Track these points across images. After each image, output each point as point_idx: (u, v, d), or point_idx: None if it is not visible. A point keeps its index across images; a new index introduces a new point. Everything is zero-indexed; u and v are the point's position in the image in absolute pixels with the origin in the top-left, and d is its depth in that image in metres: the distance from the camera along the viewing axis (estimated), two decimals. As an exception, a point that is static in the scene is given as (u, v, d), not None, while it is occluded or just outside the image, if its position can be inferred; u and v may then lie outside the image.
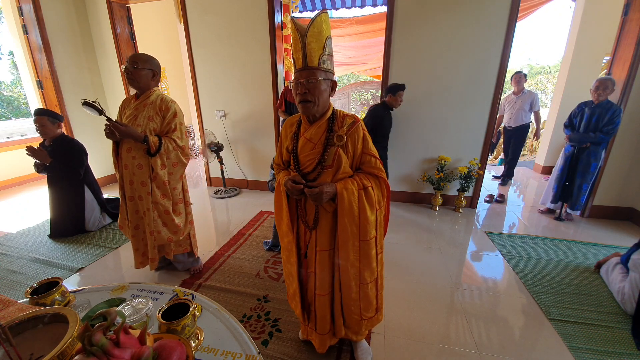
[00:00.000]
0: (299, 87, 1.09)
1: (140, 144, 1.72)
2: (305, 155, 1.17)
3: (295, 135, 1.22)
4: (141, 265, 1.97)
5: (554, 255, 2.37)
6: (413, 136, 3.20)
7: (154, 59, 1.76)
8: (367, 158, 1.18)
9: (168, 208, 1.86)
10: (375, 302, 1.31)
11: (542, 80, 16.38)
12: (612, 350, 1.50)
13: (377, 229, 1.21)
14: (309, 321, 1.36)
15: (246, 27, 3.30)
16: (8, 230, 2.85)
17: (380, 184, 1.20)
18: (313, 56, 1.05)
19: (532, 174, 4.77)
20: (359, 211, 1.14)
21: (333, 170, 1.14)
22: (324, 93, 1.10)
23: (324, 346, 1.35)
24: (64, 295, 0.92)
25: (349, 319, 1.30)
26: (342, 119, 1.17)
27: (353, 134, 1.15)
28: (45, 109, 2.56)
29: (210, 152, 3.61)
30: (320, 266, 1.23)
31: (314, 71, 1.06)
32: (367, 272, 1.22)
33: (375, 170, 1.19)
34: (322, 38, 1.04)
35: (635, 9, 2.66)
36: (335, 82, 1.14)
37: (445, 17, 2.79)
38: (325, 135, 1.15)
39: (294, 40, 1.09)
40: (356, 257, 1.19)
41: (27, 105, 4.77)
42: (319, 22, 1.03)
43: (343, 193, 1.11)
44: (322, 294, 1.26)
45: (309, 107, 1.10)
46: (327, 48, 1.07)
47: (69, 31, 3.65)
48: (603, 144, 2.73)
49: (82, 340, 0.55)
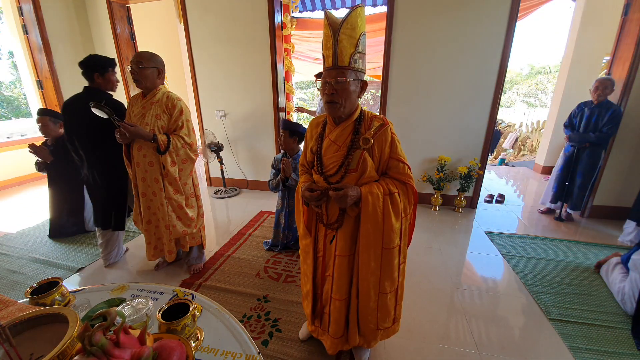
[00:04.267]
0: (326, 87, 1.04)
1: (150, 142, 1.76)
2: (329, 157, 1.13)
3: (320, 137, 1.18)
4: (153, 258, 2.04)
5: (554, 255, 2.37)
6: (413, 136, 3.20)
7: (157, 57, 1.78)
8: (394, 163, 1.12)
9: (181, 203, 1.92)
10: (394, 313, 1.26)
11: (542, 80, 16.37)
12: (612, 350, 1.50)
13: (401, 238, 1.16)
14: (320, 323, 1.33)
15: (246, 27, 3.29)
16: (8, 230, 2.85)
17: (407, 190, 1.14)
18: (344, 54, 0.99)
19: (532, 174, 4.77)
20: (384, 217, 1.09)
21: (358, 174, 1.10)
22: (353, 94, 1.06)
23: (334, 348, 1.30)
24: (64, 295, 0.92)
25: (365, 328, 1.25)
26: (370, 120, 1.12)
27: (380, 137, 1.09)
28: (48, 109, 2.59)
29: (210, 152, 3.61)
30: (338, 271, 1.19)
31: (343, 71, 1.01)
32: (387, 281, 1.17)
33: (403, 176, 1.12)
34: (355, 34, 0.99)
35: (635, 9, 2.66)
36: (366, 83, 1.09)
37: (445, 17, 2.79)
38: (351, 137, 1.10)
39: (325, 36, 1.04)
40: (377, 265, 1.14)
41: (27, 105, 4.77)
42: (354, 17, 0.97)
43: (368, 197, 1.06)
44: (338, 299, 1.22)
45: (336, 109, 1.06)
46: (360, 46, 1.01)
47: (69, 31, 3.65)
48: (603, 144, 2.73)
49: (82, 340, 0.55)
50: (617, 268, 1.96)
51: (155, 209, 1.92)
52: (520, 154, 6.69)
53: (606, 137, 2.66)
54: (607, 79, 2.64)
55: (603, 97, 2.65)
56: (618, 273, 1.92)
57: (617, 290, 1.85)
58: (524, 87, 17.04)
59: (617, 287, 1.85)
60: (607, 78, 2.65)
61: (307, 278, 1.31)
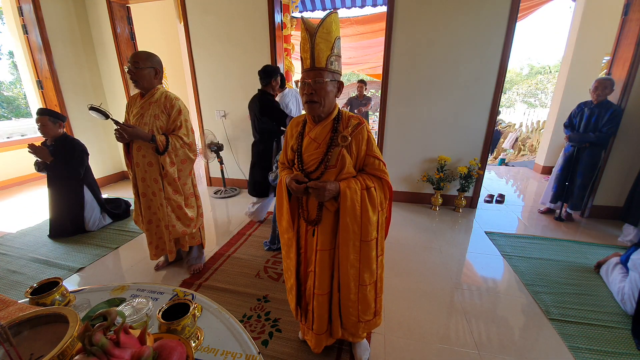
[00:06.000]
0: (305, 88, 1.09)
1: (149, 143, 1.76)
2: (309, 155, 1.17)
3: (300, 135, 1.23)
4: (155, 257, 2.06)
5: (554, 255, 2.37)
6: (413, 136, 3.20)
7: (154, 56, 1.77)
8: (370, 160, 1.19)
9: (180, 203, 1.93)
10: (374, 306, 1.30)
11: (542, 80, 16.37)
12: (612, 350, 1.50)
13: (378, 231, 1.21)
14: (305, 320, 1.37)
15: (246, 27, 3.30)
16: (8, 230, 2.85)
17: (383, 185, 1.20)
18: (321, 57, 1.05)
19: (532, 174, 4.77)
20: (361, 211, 1.14)
21: (336, 171, 1.14)
22: (330, 94, 1.11)
23: (319, 346, 1.36)
24: (64, 295, 0.92)
25: (347, 321, 1.30)
26: (347, 120, 1.18)
27: (357, 135, 1.15)
28: (48, 109, 2.58)
29: (210, 152, 3.61)
30: (320, 266, 1.23)
31: (321, 72, 1.06)
32: (366, 273, 1.22)
33: (378, 172, 1.19)
34: (331, 38, 1.05)
35: (635, 9, 2.66)
36: (342, 83, 1.16)
37: (445, 17, 2.79)
38: (330, 135, 1.15)
39: (302, 39, 1.09)
40: (356, 257, 1.19)
41: (27, 105, 4.77)
42: (328, 22, 1.03)
43: (346, 192, 1.11)
44: (320, 294, 1.26)
45: (315, 108, 1.11)
46: (336, 49, 1.07)
47: (69, 31, 3.65)
48: (603, 144, 2.73)
49: (83, 340, 0.55)
50: (617, 268, 1.96)
51: (155, 209, 1.92)
52: (520, 154, 6.69)
53: (606, 137, 2.66)
54: (606, 79, 2.64)
55: (602, 97, 2.65)
56: (618, 273, 1.92)
57: (617, 290, 1.85)
58: (524, 87, 17.04)
59: (617, 287, 1.85)
60: (606, 78, 2.65)
61: (290, 273, 1.35)
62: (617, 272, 1.93)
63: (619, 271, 1.93)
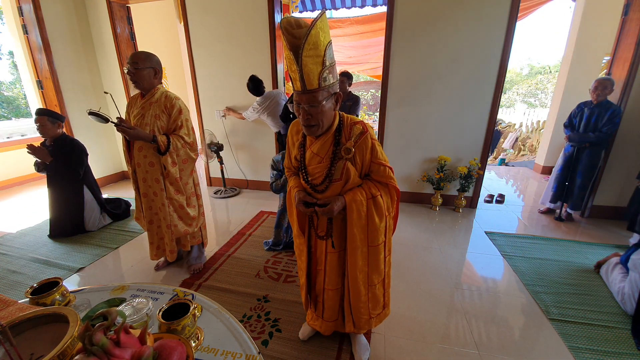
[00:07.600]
0: (300, 112, 1.03)
1: (151, 144, 1.76)
2: (314, 168, 1.15)
3: (302, 145, 1.19)
4: (156, 257, 2.06)
5: (554, 255, 2.37)
6: (413, 136, 3.20)
7: (153, 56, 1.77)
8: (375, 167, 1.15)
9: (182, 203, 1.93)
10: (383, 300, 1.35)
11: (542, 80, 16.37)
12: (612, 350, 1.50)
13: (385, 235, 1.22)
14: (315, 308, 1.43)
15: (246, 27, 3.29)
16: (8, 230, 2.85)
17: (389, 190, 1.18)
18: (312, 77, 0.94)
19: (532, 174, 4.77)
20: (368, 220, 1.15)
21: (342, 183, 1.13)
22: (328, 112, 1.04)
23: (329, 330, 1.43)
24: (64, 295, 0.92)
25: (359, 320, 1.32)
26: (350, 128, 1.11)
27: (361, 145, 1.10)
28: (46, 109, 2.57)
29: (210, 152, 3.61)
30: (330, 265, 1.28)
31: (314, 95, 0.97)
32: (375, 274, 1.25)
33: (384, 179, 1.16)
34: (320, 53, 0.91)
35: (635, 9, 2.66)
36: (340, 95, 1.07)
37: (445, 17, 2.79)
38: (332, 149, 1.11)
39: (287, 59, 0.95)
40: (365, 262, 1.21)
41: (27, 105, 4.77)
42: (314, 35, 0.88)
43: (352, 205, 1.11)
44: (331, 289, 1.32)
45: (314, 131, 1.07)
46: (328, 60, 0.94)
47: (69, 31, 3.64)
48: (603, 144, 2.73)
49: (83, 340, 0.55)
50: (617, 268, 1.96)
51: (156, 209, 1.92)
52: (520, 154, 6.69)
53: (606, 137, 2.66)
54: (606, 79, 2.64)
55: (602, 97, 2.65)
56: (618, 273, 1.92)
57: (617, 290, 1.85)
58: (524, 87, 17.04)
59: (617, 287, 1.85)
60: (606, 78, 2.65)
61: (302, 272, 1.40)
62: (617, 272, 1.93)
63: (619, 271, 1.93)
